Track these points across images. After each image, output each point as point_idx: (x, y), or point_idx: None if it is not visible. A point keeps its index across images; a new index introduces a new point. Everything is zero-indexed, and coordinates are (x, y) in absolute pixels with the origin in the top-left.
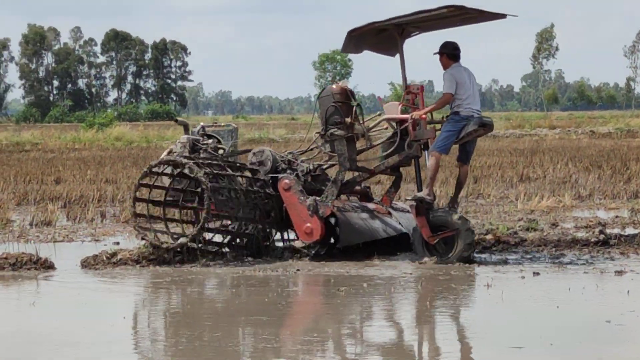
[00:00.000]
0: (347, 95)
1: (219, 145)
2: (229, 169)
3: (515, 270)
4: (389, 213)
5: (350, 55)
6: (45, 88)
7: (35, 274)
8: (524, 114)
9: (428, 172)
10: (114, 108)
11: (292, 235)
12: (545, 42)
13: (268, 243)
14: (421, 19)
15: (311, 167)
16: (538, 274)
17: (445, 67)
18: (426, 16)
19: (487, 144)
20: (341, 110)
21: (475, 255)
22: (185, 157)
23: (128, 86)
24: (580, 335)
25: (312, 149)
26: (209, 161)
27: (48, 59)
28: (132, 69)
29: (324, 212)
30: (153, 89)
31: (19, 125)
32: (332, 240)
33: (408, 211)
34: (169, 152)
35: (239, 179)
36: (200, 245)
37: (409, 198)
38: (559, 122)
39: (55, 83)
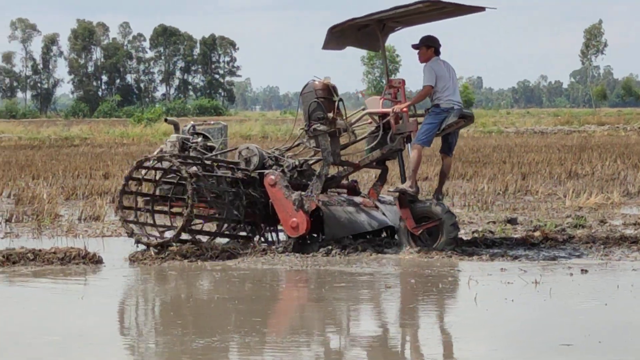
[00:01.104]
0: (330, 90)
1: (209, 143)
2: (214, 167)
3: (563, 267)
4: (376, 206)
5: (399, 51)
6: (94, 83)
7: (83, 269)
8: (573, 110)
9: (410, 164)
10: (162, 103)
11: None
12: (593, 39)
13: (258, 238)
14: (399, 14)
15: (297, 163)
16: (586, 271)
17: (424, 60)
18: (404, 11)
19: (535, 140)
20: (324, 106)
21: (524, 252)
22: (172, 155)
23: (176, 81)
24: (629, 333)
25: (297, 145)
26: (196, 160)
27: (97, 54)
28: (181, 64)
29: (309, 206)
30: (201, 84)
31: (68, 120)
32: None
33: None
34: (160, 151)
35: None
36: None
37: (391, 190)
38: (608, 118)
39: (104, 78)
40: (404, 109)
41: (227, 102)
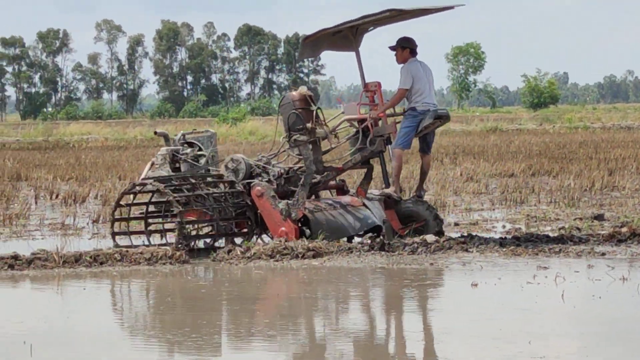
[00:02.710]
0: (307, 100)
1: (199, 153)
2: (203, 184)
3: None
4: (364, 204)
5: (484, 48)
6: (179, 83)
7: (170, 269)
8: None
9: (393, 170)
10: (247, 102)
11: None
12: None
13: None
14: (369, 22)
15: (282, 171)
16: None
17: (402, 61)
18: (371, 20)
19: (622, 135)
20: (302, 116)
21: (611, 248)
22: (158, 179)
23: (261, 80)
24: None
25: (281, 153)
26: (182, 180)
27: (182, 54)
28: (265, 63)
29: (297, 215)
30: (285, 83)
31: (154, 121)
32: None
33: None
34: (152, 165)
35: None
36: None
37: (377, 193)
38: None
39: (189, 78)
40: (381, 114)
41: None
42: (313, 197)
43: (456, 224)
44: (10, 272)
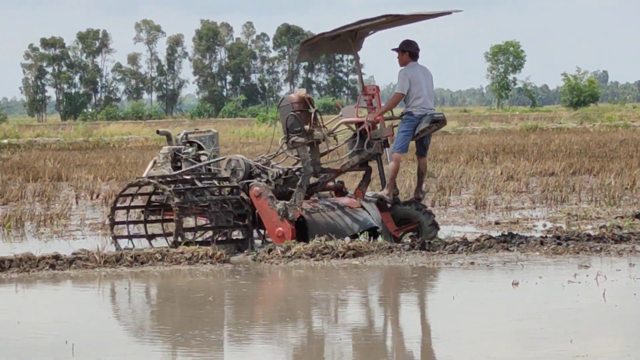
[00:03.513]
0: (306, 103)
1: (201, 152)
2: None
3: None
4: (362, 206)
5: (523, 47)
6: (219, 83)
7: (210, 268)
8: None
9: (389, 172)
10: None
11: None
12: None
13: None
14: (366, 27)
15: (281, 172)
16: None
17: (402, 64)
18: (369, 25)
19: None
20: (300, 118)
21: None
22: (158, 178)
23: (300, 80)
24: None
25: (280, 154)
26: (184, 178)
27: (221, 54)
28: (304, 63)
29: (294, 215)
30: (325, 82)
31: (194, 120)
32: None
33: None
34: (154, 163)
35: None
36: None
37: (370, 195)
38: None
39: (229, 78)
40: (377, 118)
41: (351, 100)
42: (314, 197)
43: (497, 223)
44: (52, 271)
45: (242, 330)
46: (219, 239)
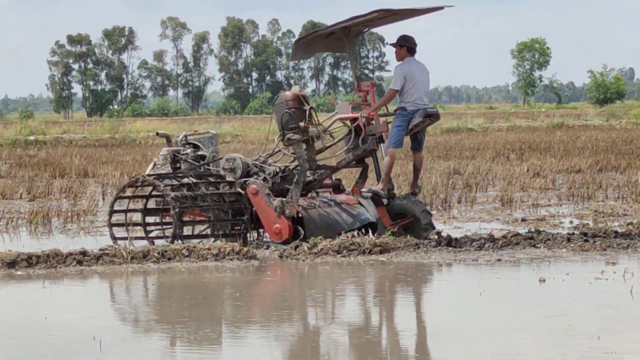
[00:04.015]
0: (300, 100)
1: (200, 153)
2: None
3: None
4: (359, 203)
5: (549, 44)
6: (245, 80)
7: (237, 265)
8: None
9: (384, 167)
10: (312, 99)
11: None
12: None
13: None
14: (358, 23)
15: (278, 170)
16: None
17: (399, 59)
18: (361, 21)
19: None
20: (295, 115)
21: None
22: (157, 175)
23: (326, 77)
24: None
25: (277, 152)
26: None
27: (247, 51)
28: (330, 60)
29: (291, 212)
30: (350, 79)
31: (219, 117)
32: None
33: None
34: (154, 165)
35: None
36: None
37: (364, 191)
38: None
39: (254, 75)
40: (372, 113)
41: (377, 97)
42: (312, 194)
43: (523, 220)
44: (79, 267)
45: (270, 327)
46: (218, 233)
